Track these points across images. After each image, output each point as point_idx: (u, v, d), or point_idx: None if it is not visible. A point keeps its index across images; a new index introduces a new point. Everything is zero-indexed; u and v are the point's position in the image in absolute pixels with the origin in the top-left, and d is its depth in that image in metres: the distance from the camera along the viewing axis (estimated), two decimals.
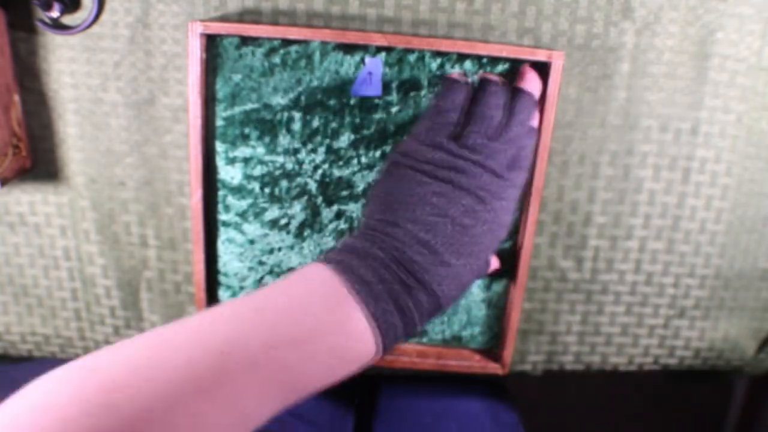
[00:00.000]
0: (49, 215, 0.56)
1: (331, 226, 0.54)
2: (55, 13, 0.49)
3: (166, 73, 0.51)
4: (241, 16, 0.49)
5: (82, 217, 0.56)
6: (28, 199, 0.56)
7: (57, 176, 0.55)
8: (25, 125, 0.53)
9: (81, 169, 0.54)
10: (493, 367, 0.57)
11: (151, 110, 0.53)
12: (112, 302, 0.59)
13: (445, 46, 0.48)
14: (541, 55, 0.48)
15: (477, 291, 0.56)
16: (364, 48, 0.49)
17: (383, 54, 0.49)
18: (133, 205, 0.55)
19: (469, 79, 0.46)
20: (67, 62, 0.51)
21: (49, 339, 0.61)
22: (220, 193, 0.53)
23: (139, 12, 0.50)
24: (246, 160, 0.52)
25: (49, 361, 0.64)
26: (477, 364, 0.57)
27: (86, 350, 0.61)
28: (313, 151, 0.52)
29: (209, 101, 0.50)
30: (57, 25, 0.50)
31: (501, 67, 0.49)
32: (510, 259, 0.55)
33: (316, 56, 0.49)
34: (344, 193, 0.53)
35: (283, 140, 0.51)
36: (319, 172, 0.52)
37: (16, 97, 0.52)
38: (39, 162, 0.54)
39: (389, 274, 0.39)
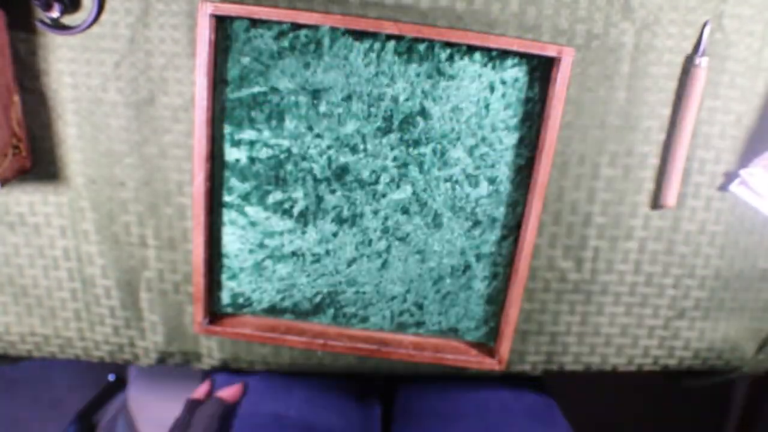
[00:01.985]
0: (49, 215, 0.56)
1: (334, 213, 0.54)
2: (55, 14, 0.49)
3: (166, 73, 0.51)
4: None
5: (82, 217, 0.56)
6: (27, 200, 0.56)
7: (57, 176, 0.55)
8: (25, 125, 0.53)
9: (81, 170, 0.54)
10: (489, 363, 0.57)
11: (150, 110, 0.53)
12: (111, 302, 0.59)
13: (456, 37, 0.48)
14: (551, 51, 0.48)
15: (477, 286, 0.56)
16: (374, 35, 0.49)
17: (393, 42, 0.49)
18: (132, 205, 0.55)
19: None
20: (67, 62, 0.51)
21: (48, 339, 0.61)
22: (224, 174, 0.53)
23: (139, 12, 0.50)
24: (251, 143, 0.52)
25: (49, 362, 0.64)
26: (474, 358, 0.57)
27: (86, 350, 0.61)
28: (319, 136, 0.52)
29: (217, 83, 0.51)
30: (57, 26, 0.50)
31: (510, 61, 0.50)
32: (510, 257, 0.55)
33: (326, 41, 0.49)
34: (349, 179, 0.53)
35: (290, 124, 0.52)
36: (325, 157, 0.52)
37: (16, 98, 0.52)
38: (39, 162, 0.54)
39: None
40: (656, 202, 0.55)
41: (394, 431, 0.65)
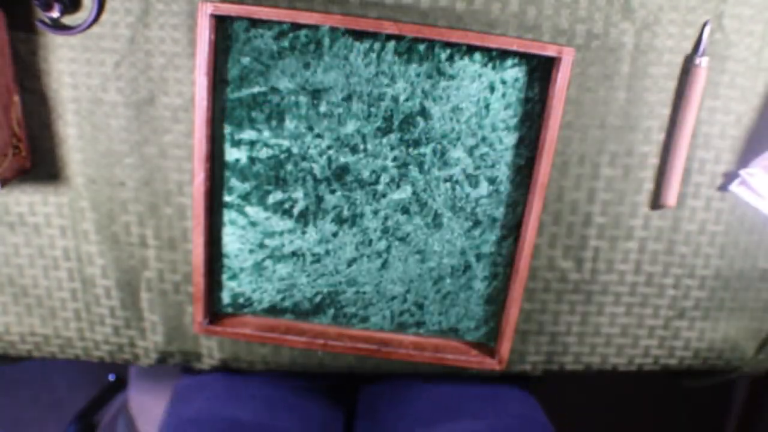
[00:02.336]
0: (49, 215, 0.56)
1: (334, 213, 0.54)
2: (55, 14, 0.49)
3: (166, 73, 0.51)
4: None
5: (82, 217, 0.56)
6: (27, 200, 0.56)
7: (57, 176, 0.55)
8: (25, 125, 0.53)
9: (81, 170, 0.54)
10: (489, 363, 0.57)
11: (151, 110, 0.53)
12: (111, 302, 0.59)
13: (456, 37, 0.48)
14: (551, 50, 0.48)
15: (477, 286, 0.56)
16: (373, 35, 0.49)
17: (393, 42, 0.49)
18: (132, 206, 0.55)
19: None
20: (67, 62, 0.51)
21: (48, 339, 0.61)
22: (224, 174, 0.53)
23: (139, 12, 0.50)
24: (251, 143, 0.52)
25: (49, 362, 0.64)
26: (474, 358, 0.57)
27: (86, 350, 0.61)
28: (319, 136, 0.52)
29: (217, 83, 0.51)
30: (57, 26, 0.50)
31: (510, 61, 0.50)
32: (510, 257, 0.55)
33: (326, 41, 0.49)
34: (349, 179, 0.53)
35: (290, 124, 0.52)
36: (325, 157, 0.52)
37: (16, 98, 0.52)
38: (39, 162, 0.54)
39: None
40: (656, 202, 0.55)
41: (355, 430, 0.65)
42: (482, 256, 0.55)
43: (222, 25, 0.49)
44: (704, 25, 0.50)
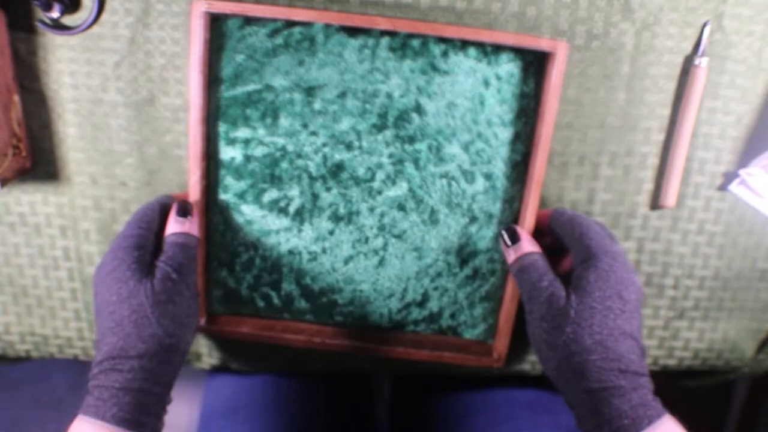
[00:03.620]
0: (50, 215, 0.56)
1: (330, 211, 0.54)
2: (55, 14, 0.49)
3: (166, 73, 0.52)
4: None
5: (83, 217, 0.56)
6: (28, 200, 0.56)
7: (57, 176, 0.55)
8: (25, 125, 0.53)
9: (81, 169, 0.55)
10: (488, 361, 0.57)
11: (150, 110, 0.53)
12: None
13: (450, 32, 0.48)
14: (545, 45, 0.48)
15: (474, 283, 0.56)
16: (368, 32, 0.49)
17: (387, 38, 0.49)
18: (133, 206, 0.55)
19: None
20: (67, 62, 0.51)
21: (48, 339, 0.61)
22: (220, 173, 0.53)
23: (140, 12, 0.50)
24: (246, 141, 0.52)
25: (49, 362, 0.65)
26: (472, 356, 0.57)
27: (85, 351, 0.61)
28: (314, 134, 0.52)
29: (212, 81, 0.51)
30: (57, 26, 0.50)
31: (505, 56, 0.50)
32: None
33: (320, 38, 0.49)
34: (344, 176, 0.53)
35: (285, 122, 0.52)
36: (320, 155, 0.52)
37: (16, 97, 0.52)
38: (39, 162, 0.55)
39: None
40: (656, 203, 0.55)
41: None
42: (479, 252, 0.55)
43: (216, 23, 0.49)
44: (704, 25, 0.50)
